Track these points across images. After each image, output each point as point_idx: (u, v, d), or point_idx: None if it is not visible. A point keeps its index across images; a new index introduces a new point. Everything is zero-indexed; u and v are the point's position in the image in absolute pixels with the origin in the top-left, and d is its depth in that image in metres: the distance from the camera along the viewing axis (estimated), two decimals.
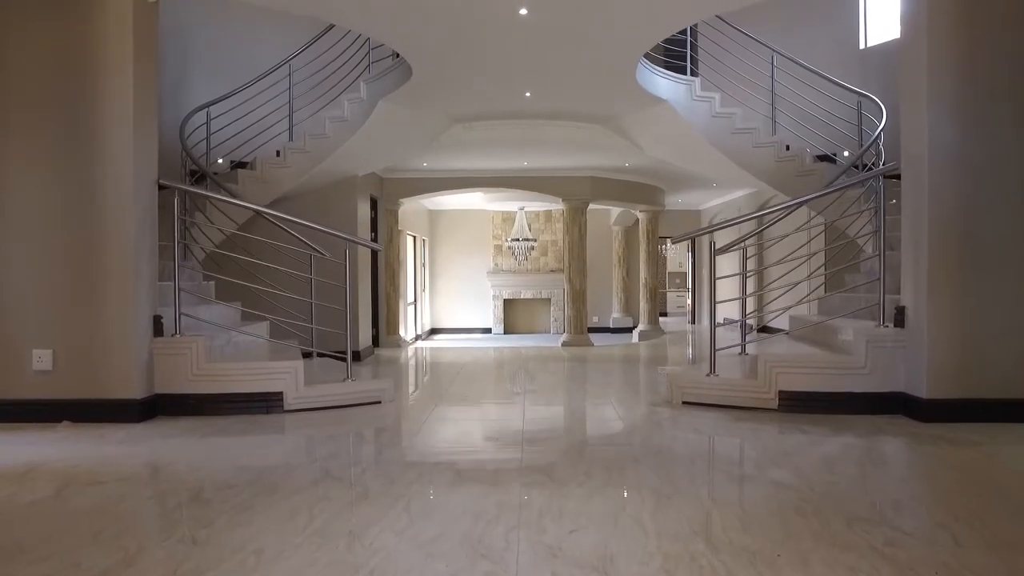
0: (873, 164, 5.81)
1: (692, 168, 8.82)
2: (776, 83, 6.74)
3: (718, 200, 13.80)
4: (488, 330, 15.23)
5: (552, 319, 15.33)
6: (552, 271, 15.15)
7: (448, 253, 15.15)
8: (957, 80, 3.70)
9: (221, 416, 3.90)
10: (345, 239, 4.35)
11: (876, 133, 5.60)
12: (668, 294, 18.57)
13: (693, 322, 15.55)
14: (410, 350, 9.69)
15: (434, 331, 15.09)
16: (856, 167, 6.14)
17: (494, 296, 15.20)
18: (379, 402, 4.33)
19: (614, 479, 2.72)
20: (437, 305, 15.21)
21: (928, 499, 2.56)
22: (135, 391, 3.76)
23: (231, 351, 4.43)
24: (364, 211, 8.84)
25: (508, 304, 15.36)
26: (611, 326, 14.92)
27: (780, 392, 3.97)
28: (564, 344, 10.02)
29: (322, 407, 4.12)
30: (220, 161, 6.96)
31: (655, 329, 11.68)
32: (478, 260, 15.16)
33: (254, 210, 4.46)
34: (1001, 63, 3.69)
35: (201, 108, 6.35)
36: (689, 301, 16.04)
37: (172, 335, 3.96)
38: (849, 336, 4.04)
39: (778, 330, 9.98)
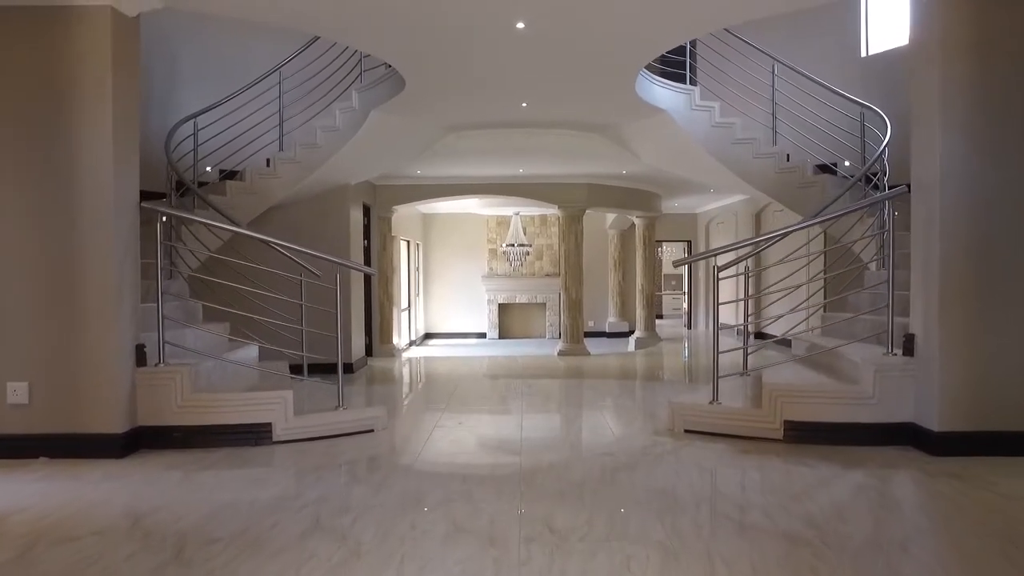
0: (876, 176, 5.68)
1: (691, 176, 8.70)
2: (777, 92, 6.62)
3: (715, 204, 13.69)
4: (483, 335, 15.08)
5: (547, 324, 15.19)
6: (547, 275, 15.00)
7: (442, 257, 14.99)
8: (971, 103, 3.57)
9: (207, 449, 3.75)
10: (336, 263, 4.19)
11: (881, 148, 5.48)
12: (663, 296, 18.47)
13: (689, 327, 15.45)
14: (404, 359, 9.54)
15: (429, 335, 14.93)
16: (861, 181, 6.02)
17: (489, 300, 15.04)
18: (372, 431, 4.19)
19: (617, 530, 2.58)
20: (431, 310, 15.05)
21: (949, 557, 2.43)
22: (116, 425, 3.60)
23: (218, 376, 4.27)
24: (357, 218, 8.69)
25: (503, 309, 15.21)
26: (607, 331, 14.78)
27: (785, 422, 3.85)
28: (560, 353, 9.89)
29: (313, 437, 3.98)
30: (209, 170, 6.79)
31: (652, 336, 11.56)
32: (473, 264, 14.99)
33: (235, 232, 4.27)
34: (1016, 87, 3.56)
35: (188, 119, 6.17)
36: (685, 305, 15.94)
37: (155, 364, 3.80)
38: (855, 359, 3.92)
39: (772, 336, 9.90)
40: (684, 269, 16.16)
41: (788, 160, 6.62)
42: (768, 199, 10.90)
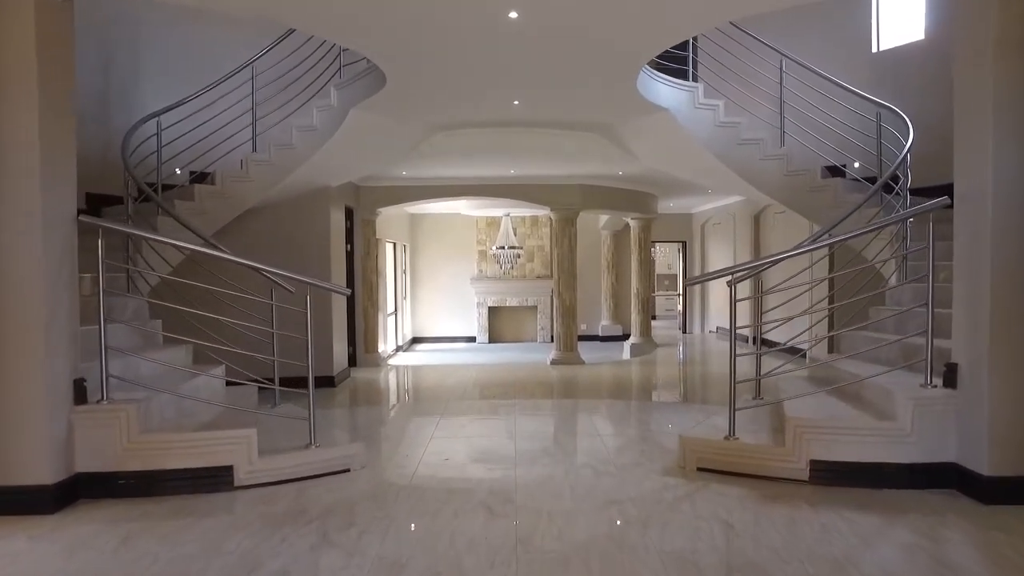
0: (896, 182, 5.25)
1: (691, 178, 8.28)
2: (784, 90, 6.19)
3: (711, 205, 13.30)
4: (472, 339, 14.63)
5: (539, 327, 14.76)
6: (539, 277, 14.57)
7: (430, 259, 14.51)
8: None
9: (158, 498, 3.28)
10: (304, 283, 3.71)
11: (904, 152, 5.06)
12: (656, 298, 18.07)
13: (685, 330, 15.06)
14: (390, 369, 9.06)
15: (417, 340, 14.46)
16: (873, 182, 5.61)
17: (478, 304, 14.59)
18: (347, 470, 3.72)
19: None
20: (419, 314, 14.57)
21: None
22: (47, 474, 3.12)
23: (174, 411, 3.78)
24: (338, 222, 8.20)
25: (493, 312, 14.76)
26: (600, 334, 14.37)
27: (812, 462, 3.42)
28: (553, 362, 9.45)
29: (281, 481, 3.51)
30: (178, 172, 6.29)
31: (648, 341, 11.15)
32: (462, 267, 14.53)
33: (189, 250, 3.77)
34: None
35: (150, 118, 5.66)
36: (680, 307, 15.55)
37: (97, 401, 3.31)
38: (887, 390, 3.50)
39: (776, 343, 9.51)
40: (679, 268, 15.79)
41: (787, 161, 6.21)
42: (769, 200, 10.53)
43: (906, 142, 5.18)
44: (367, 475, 3.71)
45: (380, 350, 10.38)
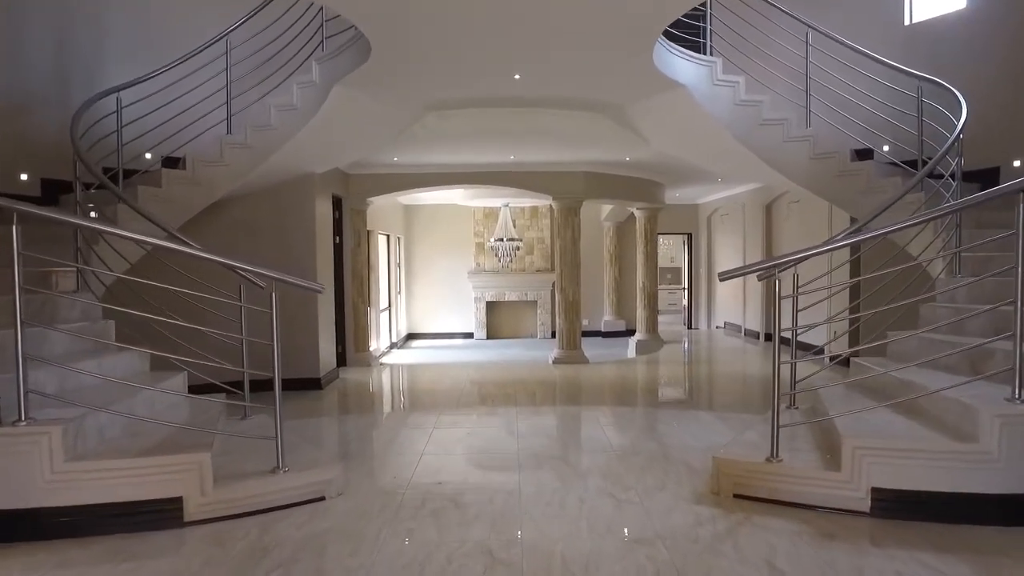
0: (937, 161, 4.68)
1: (705, 164, 7.69)
2: (810, 65, 5.61)
3: (720, 194, 12.72)
4: (470, 335, 14.07)
5: (539, 323, 14.20)
6: (539, 271, 14.01)
7: (426, 252, 13.94)
8: None
9: (89, 540, 2.71)
10: (272, 279, 3.13)
11: (957, 131, 4.49)
12: (659, 292, 17.50)
13: (690, 326, 14.51)
14: (382, 369, 8.49)
15: (412, 336, 13.90)
16: (914, 165, 5.05)
17: (476, 298, 14.02)
18: (322, 498, 3.16)
19: None
20: (414, 309, 14.00)
21: None
22: None
23: (119, 430, 3.20)
24: (325, 212, 7.61)
25: (491, 307, 14.19)
26: (602, 330, 13.84)
27: (874, 490, 2.87)
28: (556, 361, 8.89)
29: (240, 514, 2.95)
30: (148, 156, 5.71)
31: (654, 338, 10.59)
32: (458, 259, 13.96)
33: (142, 243, 3.17)
34: None
35: (108, 93, 5.08)
36: (685, 301, 15.01)
37: (13, 423, 2.74)
38: (965, 403, 2.95)
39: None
40: (684, 261, 15.23)
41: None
42: (782, 191, 9.96)
43: (957, 120, 4.61)
44: (345, 505, 3.15)
45: (372, 348, 9.82)
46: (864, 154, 5.71)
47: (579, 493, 3.26)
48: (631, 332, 13.14)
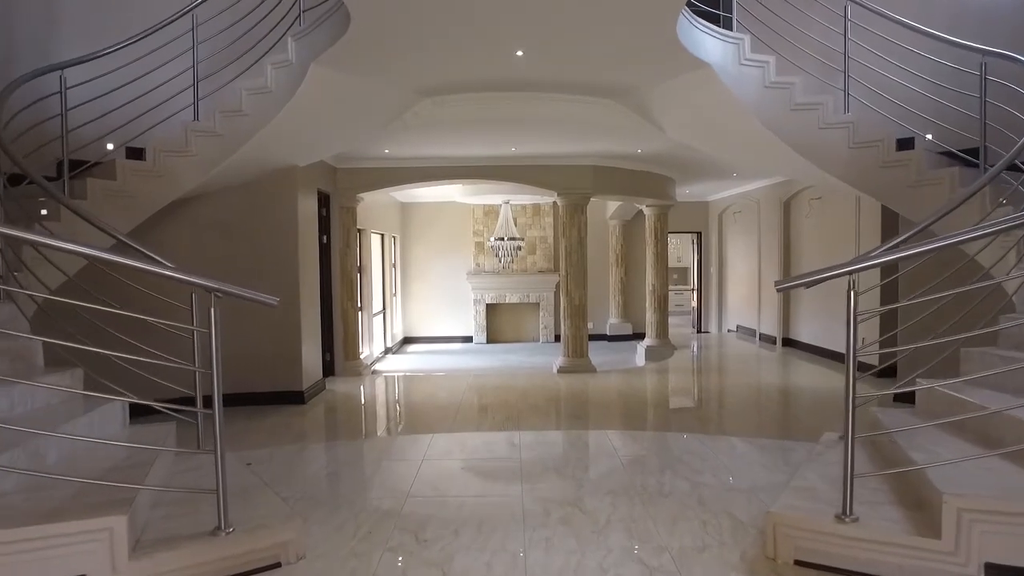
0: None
1: (726, 155, 7.03)
2: (849, 42, 4.96)
3: (732, 191, 12.07)
4: (469, 339, 13.43)
5: (542, 326, 13.55)
6: (541, 272, 13.36)
7: (423, 252, 13.29)
8: None
9: None
10: (211, 288, 2.46)
11: None
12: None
13: (700, 329, 13.86)
14: (377, 376, 7.84)
15: (409, 340, 13.26)
16: (973, 154, 4.40)
17: (475, 300, 13.37)
18: (278, 564, 2.52)
19: None
20: (411, 312, 13.36)
21: None
22: None
23: (10, 485, 2.55)
24: (309, 210, 6.97)
25: (491, 309, 13.55)
26: (608, 333, 13.19)
27: (988, 567, 2.22)
28: (561, 370, 8.25)
29: None
30: (111, 148, 5.09)
31: (664, 344, 9.94)
32: (457, 260, 13.32)
33: (71, 252, 2.48)
34: None
35: (47, 71, 4.43)
36: (694, 303, 14.35)
37: None
38: None
39: (800, 342, 8.31)
40: (692, 261, 14.58)
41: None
42: (800, 187, 9.31)
43: None
44: (306, 572, 2.50)
45: (363, 355, 9.18)
46: (905, 143, 5.05)
47: (599, 557, 2.61)
48: (638, 336, 12.50)
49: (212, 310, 2.39)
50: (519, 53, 4.59)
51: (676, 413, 5.62)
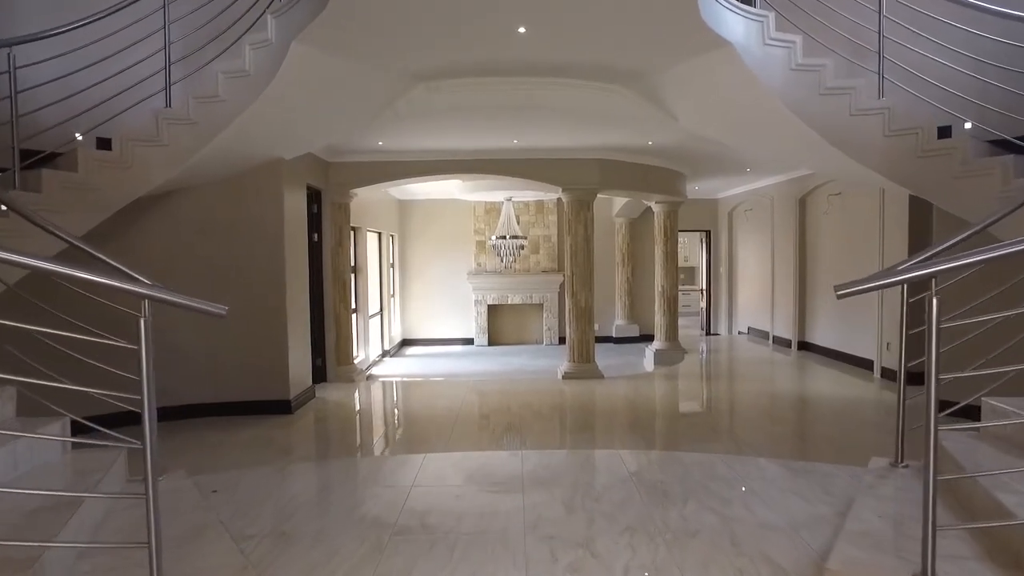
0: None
1: (745, 146, 6.56)
2: (885, 20, 4.49)
3: (744, 188, 11.59)
4: (470, 341, 12.98)
5: (545, 328, 13.10)
6: (545, 271, 12.90)
7: (422, 251, 12.86)
8: None
9: None
10: (143, 296, 1.99)
11: None
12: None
13: (708, 331, 13.38)
14: (373, 381, 7.38)
15: (407, 342, 12.82)
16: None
17: (477, 301, 12.92)
18: None
19: None
20: (410, 313, 12.92)
21: None
22: None
23: None
24: (297, 206, 6.51)
25: (493, 311, 13.09)
26: (614, 335, 12.74)
27: None
28: (566, 376, 7.79)
29: None
30: (80, 138, 4.65)
31: (674, 347, 9.46)
32: (457, 259, 12.88)
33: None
34: None
35: None
36: (703, 304, 13.88)
37: None
38: None
39: (816, 344, 7.85)
40: (700, 260, 14.10)
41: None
42: (818, 182, 8.83)
43: None
44: None
45: (358, 360, 8.74)
46: (947, 132, 4.57)
47: None
48: (645, 338, 12.05)
49: (141, 321, 1.93)
50: (521, 30, 4.13)
51: (693, 427, 5.15)
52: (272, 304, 5.96)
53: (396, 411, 6.59)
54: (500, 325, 13.17)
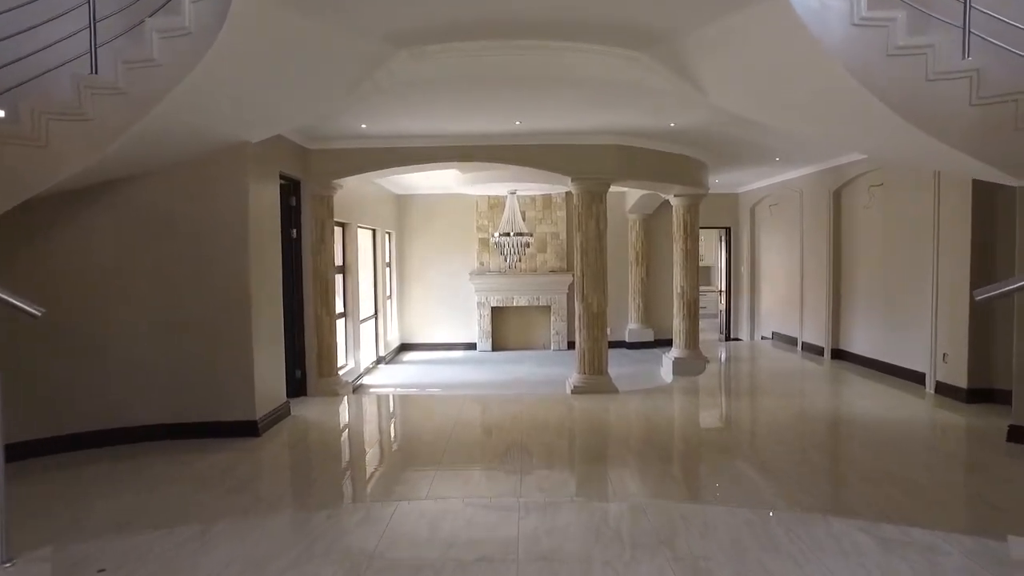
0: None
1: (785, 123, 5.62)
2: None
3: (769, 180, 10.66)
4: (473, 346, 12.12)
5: (553, 332, 12.22)
6: (552, 272, 12.03)
7: (421, 250, 12.01)
8: None
9: None
10: None
11: None
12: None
13: (728, 336, 12.45)
14: (364, 392, 6.50)
15: (406, 347, 11.98)
16: None
17: (479, 303, 12.06)
18: None
19: None
20: (408, 316, 12.07)
21: None
22: None
23: None
24: (267, 197, 5.64)
25: (497, 314, 12.22)
26: (627, 340, 11.85)
27: None
28: (576, 390, 6.90)
29: None
30: (2, 114, 3.85)
31: (695, 356, 8.55)
32: (459, 258, 12.02)
33: None
34: None
35: None
36: (721, 306, 12.95)
37: None
38: None
39: (849, 352, 6.94)
40: (719, 260, 13.18)
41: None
42: (858, 172, 7.89)
43: None
44: None
45: (345, 370, 7.90)
46: None
47: None
48: (661, 343, 11.16)
49: None
50: None
51: (730, 463, 4.22)
52: (235, 311, 5.11)
53: (379, 434, 5.74)
54: (504, 329, 12.30)
